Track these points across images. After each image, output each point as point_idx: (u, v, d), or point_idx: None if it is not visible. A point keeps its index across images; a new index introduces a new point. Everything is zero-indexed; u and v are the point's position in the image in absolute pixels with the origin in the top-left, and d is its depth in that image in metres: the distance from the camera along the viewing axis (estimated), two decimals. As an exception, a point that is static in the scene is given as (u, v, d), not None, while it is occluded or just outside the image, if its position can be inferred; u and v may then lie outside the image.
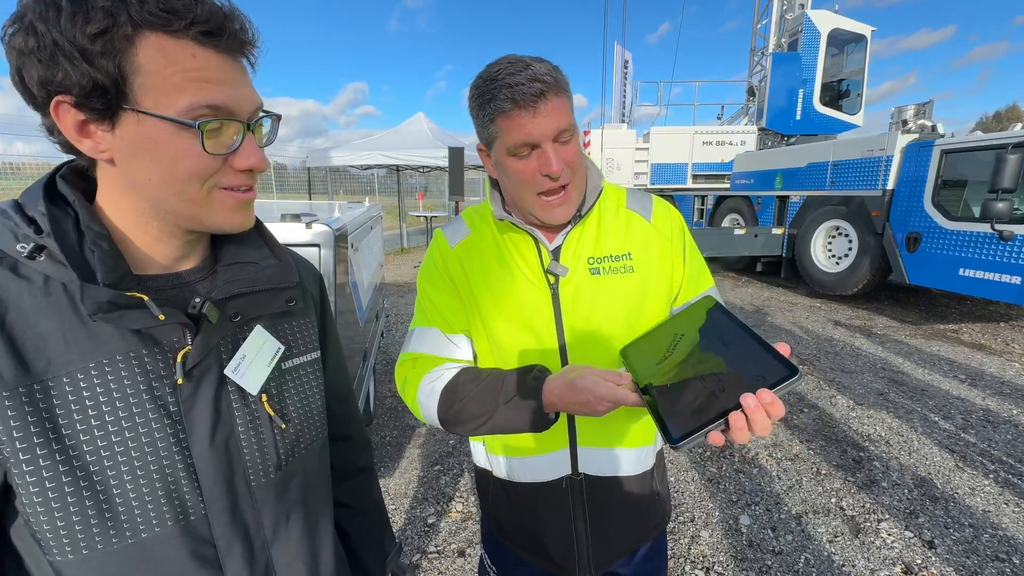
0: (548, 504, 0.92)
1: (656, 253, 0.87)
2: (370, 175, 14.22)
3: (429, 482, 2.61)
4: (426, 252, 0.97)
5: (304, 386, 0.66)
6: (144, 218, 0.52)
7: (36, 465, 0.46)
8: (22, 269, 0.48)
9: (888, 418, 3.31)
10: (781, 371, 0.57)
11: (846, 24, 9.79)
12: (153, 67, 0.45)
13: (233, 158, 0.51)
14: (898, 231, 5.51)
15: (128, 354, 0.50)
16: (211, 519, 0.54)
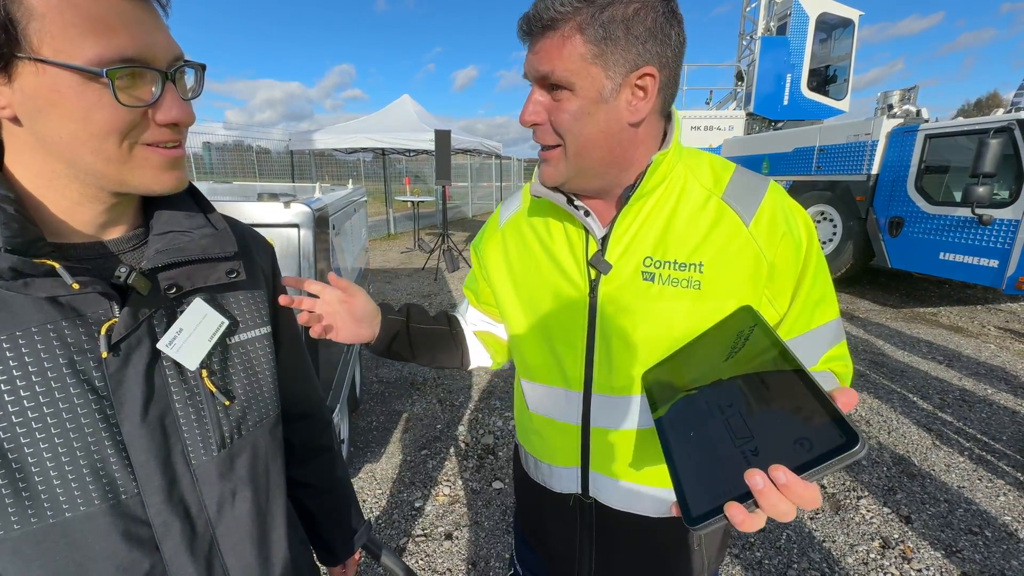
0: (556, 515, 0.85)
1: (740, 271, 0.64)
2: (356, 160, 13.95)
3: (416, 466, 2.60)
4: None
5: (252, 362, 0.63)
6: (61, 180, 0.48)
7: None
8: None
9: (868, 398, 3.37)
10: (833, 439, 0.41)
11: (834, 8, 9.77)
12: (48, 10, 0.41)
13: (154, 111, 0.47)
14: (881, 216, 5.57)
15: (46, 326, 0.47)
16: (145, 498, 0.52)
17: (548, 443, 0.81)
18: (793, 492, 0.41)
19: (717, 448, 0.48)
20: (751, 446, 0.46)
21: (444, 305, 5.67)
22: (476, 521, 2.20)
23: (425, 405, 3.27)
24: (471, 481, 2.48)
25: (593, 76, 0.60)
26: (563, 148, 0.65)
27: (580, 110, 0.61)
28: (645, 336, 0.67)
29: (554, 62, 0.60)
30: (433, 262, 7.75)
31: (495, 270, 0.83)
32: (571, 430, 0.76)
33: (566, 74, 0.60)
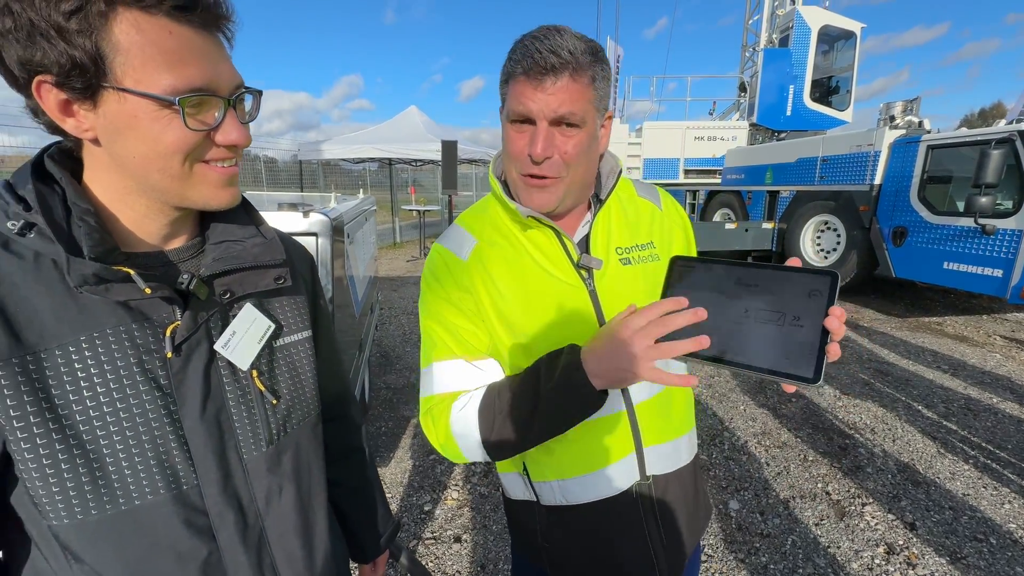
0: (618, 519, 0.82)
1: (670, 240, 0.88)
2: (362, 169, 14.12)
3: (424, 471, 2.64)
4: (428, 272, 0.83)
5: (295, 364, 0.67)
6: (130, 196, 0.54)
7: (31, 433, 0.48)
8: (13, 246, 0.49)
9: (873, 407, 3.39)
10: (825, 280, 0.60)
11: (836, 21, 9.89)
12: (131, 45, 0.46)
13: (215, 134, 0.52)
14: (885, 225, 5.60)
15: (118, 328, 0.52)
16: (203, 489, 0.56)
17: (593, 448, 0.80)
18: (844, 316, 0.57)
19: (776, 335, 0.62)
20: (790, 318, 0.61)
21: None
22: (484, 525, 2.23)
23: (433, 411, 3.31)
24: (479, 486, 2.52)
25: (594, 117, 0.73)
26: (563, 179, 0.72)
27: (584, 143, 0.72)
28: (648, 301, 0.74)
29: (576, 104, 0.68)
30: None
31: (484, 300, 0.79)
32: (619, 418, 0.79)
33: (583, 114, 0.70)
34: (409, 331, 5.05)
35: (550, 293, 0.78)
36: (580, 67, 0.67)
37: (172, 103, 0.48)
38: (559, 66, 0.66)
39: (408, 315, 5.64)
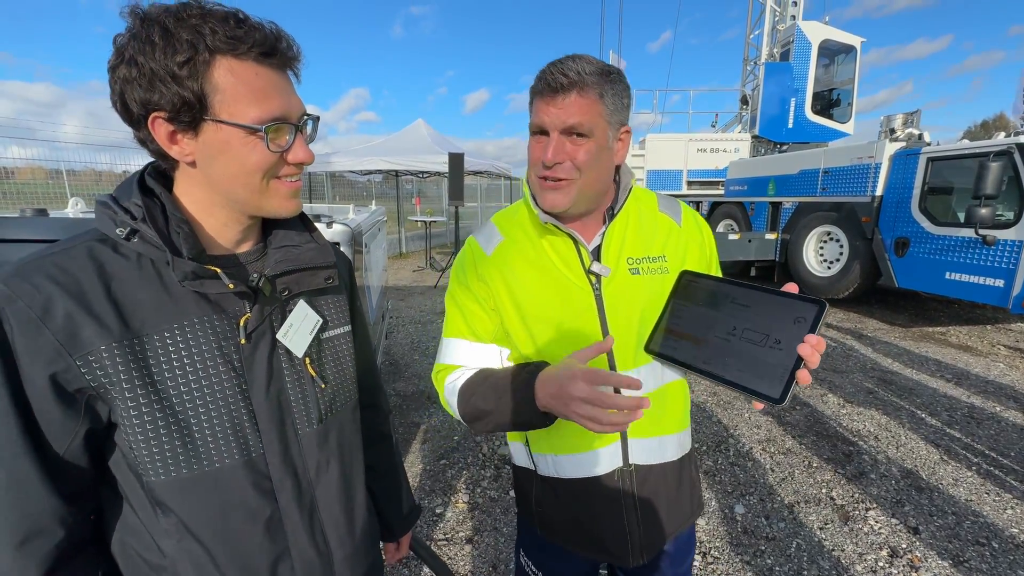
0: (600, 496, 0.92)
1: (686, 256, 0.92)
2: (367, 181, 14.32)
3: (436, 475, 2.70)
4: (458, 260, 0.97)
5: (338, 354, 0.77)
6: (215, 208, 0.64)
7: (136, 403, 0.57)
8: (121, 248, 0.59)
9: (877, 415, 3.43)
10: (811, 308, 0.66)
11: (836, 35, 10.04)
12: (226, 85, 0.56)
13: (287, 154, 0.62)
14: (887, 236, 5.67)
15: (203, 318, 0.61)
16: (268, 458, 0.65)
17: (583, 432, 0.86)
18: (820, 345, 0.65)
19: (755, 355, 0.70)
20: (772, 340, 0.68)
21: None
22: (495, 527, 2.29)
23: (442, 417, 3.37)
24: (489, 489, 2.57)
25: (604, 129, 0.81)
26: (576, 181, 0.81)
27: (596, 152, 0.81)
28: (643, 314, 0.87)
29: (583, 116, 0.78)
30: (445, 281, 7.92)
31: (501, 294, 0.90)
32: None
33: (591, 125, 0.79)
34: (417, 340, 5.12)
35: (561, 291, 0.87)
36: (586, 85, 0.77)
37: (258, 130, 0.58)
38: (567, 85, 0.77)
39: (416, 324, 5.71)
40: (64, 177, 9.13)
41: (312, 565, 0.69)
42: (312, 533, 0.69)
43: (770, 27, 11.15)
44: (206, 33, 0.54)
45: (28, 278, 0.53)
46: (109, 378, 0.55)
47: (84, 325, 0.54)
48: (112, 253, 0.58)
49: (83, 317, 0.54)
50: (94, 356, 0.54)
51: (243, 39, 0.56)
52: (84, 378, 0.55)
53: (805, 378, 0.65)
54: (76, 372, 0.54)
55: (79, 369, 0.54)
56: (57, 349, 0.53)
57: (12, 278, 0.53)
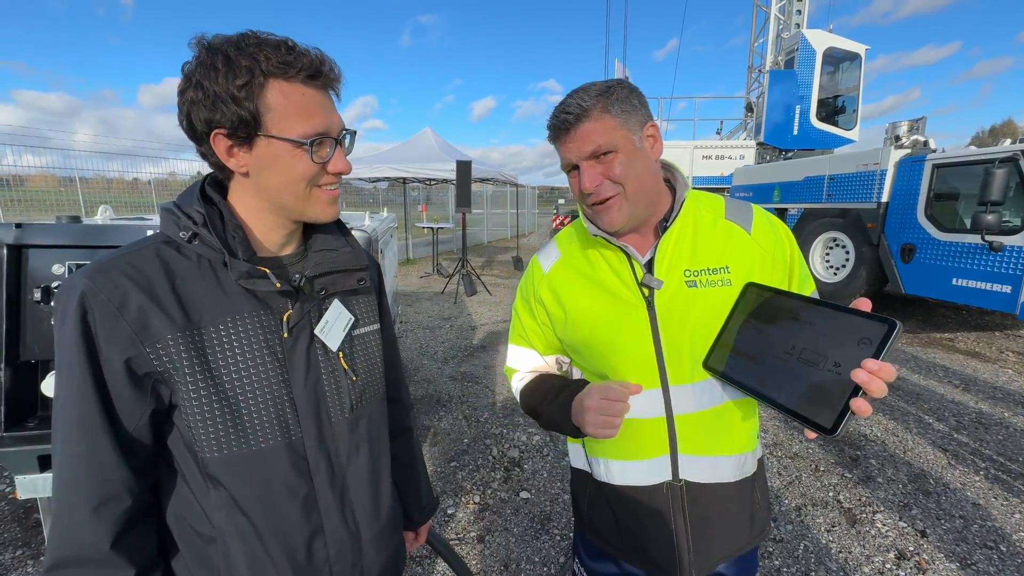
0: (648, 509, 0.91)
1: (756, 266, 0.85)
2: (374, 188, 14.47)
3: (447, 476, 2.74)
4: (523, 276, 1.06)
5: (368, 350, 0.83)
6: (264, 213, 0.70)
7: (196, 386, 0.63)
8: (183, 250, 0.66)
9: (884, 420, 3.44)
10: (880, 329, 0.58)
11: (841, 43, 10.10)
12: (277, 104, 0.63)
13: (328, 165, 0.68)
14: (893, 242, 5.68)
15: (252, 313, 0.68)
16: (305, 441, 0.71)
17: (633, 442, 0.90)
18: (883, 372, 0.59)
19: (812, 377, 0.64)
20: (831, 363, 0.62)
21: (465, 327, 5.86)
22: (506, 527, 2.33)
23: (452, 421, 3.42)
24: (499, 491, 2.61)
25: (626, 136, 0.82)
26: (622, 193, 0.83)
27: (627, 160, 0.82)
28: (700, 328, 0.84)
29: (598, 137, 0.81)
30: (452, 286, 7.99)
31: (554, 310, 0.96)
32: (657, 423, 0.87)
33: (610, 141, 0.81)
34: (425, 344, 5.18)
35: (613, 304, 0.88)
36: (587, 110, 0.80)
37: (304, 144, 0.65)
38: (573, 120, 0.81)
39: (424, 329, 5.78)
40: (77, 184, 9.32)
41: (343, 543, 0.75)
42: (343, 512, 0.75)
43: (774, 35, 11.24)
44: (261, 60, 0.61)
45: (108, 275, 0.61)
46: (173, 364, 0.62)
47: (153, 317, 0.61)
48: (176, 254, 0.65)
49: (153, 310, 0.61)
50: (161, 344, 0.61)
51: (293, 64, 0.63)
52: (152, 363, 0.61)
53: (862, 408, 0.59)
54: (146, 358, 0.61)
55: (148, 355, 0.61)
56: (131, 337, 0.60)
57: (95, 274, 0.60)
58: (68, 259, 1.61)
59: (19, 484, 1.57)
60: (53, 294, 1.57)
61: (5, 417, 1.50)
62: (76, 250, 1.63)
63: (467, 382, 4.14)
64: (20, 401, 1.55)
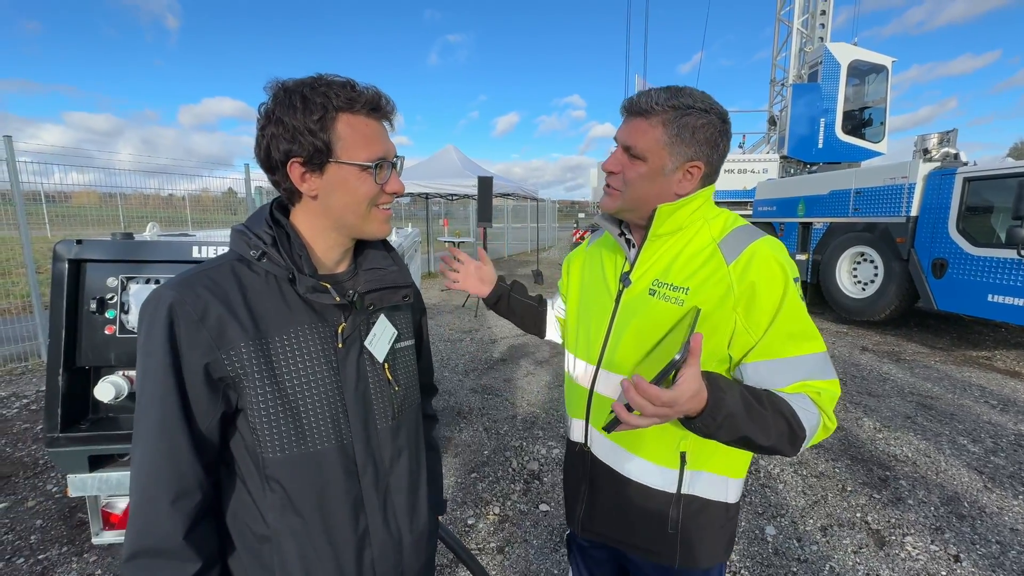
0: (572, 461, 1.10)
1: (713, 295, 0.83)
2: (396, 203, 14.81)
3: (467, 488, 2.78)
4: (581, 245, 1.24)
5: (407, 363, 0.89)
6: (326, 232, 0.78)
7: (263, 390, 0.70)
8: (253, 266, 0.74)
9: (915, 440, 3.34)
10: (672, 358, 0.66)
11: (866, 56, 9.99)
12: (345, 135, 0.72)
13: (386, 186, 0.77)
14: (924, 257, 5.54)
15: (311, 325, 0.75)
16: (355, 445, 0.77)
17: (571, 400, 1.08)
18: (642, 390, 0.66)
19: None
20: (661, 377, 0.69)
21: (486, 340, 5.92)
22: (525, 539, 2.34)
23: (472, 433, 3.46)
24: (519, 503, 2.63)
25: (661, 156, 0.86)
26: (621, 193, 0.91)
27: (645, 175, 0.88)
28: (633, 331, 0.92)
29: (639, 139, 0.87)
30: (473, 299, 8.07)
31: (574, 276, 1.16)
32: (583, 392, 1.02)
33: (644, 150, 0.87)
34: (446, 357, 5.26)
35: (597, 288, 1.04)
36: (652, 113, 0.85)
37: (369, 167, 0.74)
38: (634, 110, 0.88)
39: (445, 342, 5.86)
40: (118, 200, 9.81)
41: (386, 545, 0.80)
42: (385, 516, 0.80)
43: (797, 49, 11.19)
44: (332, 97, 0.70)
45: (192, 287, 0.68)
46: (244, 369, 0.69)
47: (229, 326, 0.68)
48: (247, 270, 0.73)
49: (229, 320, 0.68)
50: (235, 351, 0.68)
51: (357, 99, 0.72)
52: (226, 368, 0.68)
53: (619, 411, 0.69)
54: (221, 363, 0.68)
55: (223, 361, 0.68)
56: (210, 344, 0.67)
57: (181, 287, 0.68)
58: (121, 273, 1.73)
59: (70, 483, 1.67)
60: (107, 305, 1.70)
61: (61, 419, 1.61)
62: (127, 264, 1.76)
63: (487, 394, 4.18)
64: (74, 404, 1.66)
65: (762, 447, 0.77)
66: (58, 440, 1.61)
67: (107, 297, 1.70)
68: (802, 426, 0.78)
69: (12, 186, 4.47)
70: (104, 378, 1.65)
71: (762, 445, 0.77)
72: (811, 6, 11.13)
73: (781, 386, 0.82)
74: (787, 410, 0.78)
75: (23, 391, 4.15)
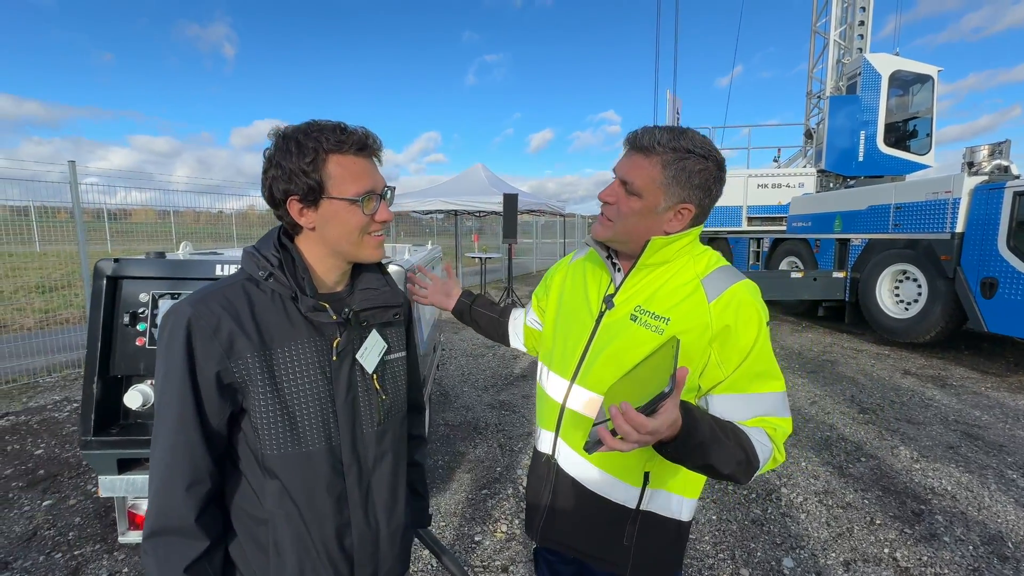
0: (537, 470, 1.13)
1: (691, 328, 0.88)
2: (430, 218, 15.16)
3: (477, 504, 2.79)
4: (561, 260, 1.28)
5: (396, 374, 0.98)
6: (325, 257, 0.87)
7: (265, 395, 0.79)
8: (261, 285, 0.83)
9: (957, 472, 3.12)
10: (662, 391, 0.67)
11: (909, 66, 9.60)
12: (336, 173, 0.81)
13: (375, 216, 0.86)
14: (971, 276, 5.22)
15: (310, 339, 0.84)
16: (342, 448, 0.86)
17: (541, 411, 1.12)
18: (629, 418, 0.67)
19: None
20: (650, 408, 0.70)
21: (508, 355, 5.95)
22: (530, 558, 2.32)
23: (486, 448, 3.48)
24: (527, 522, 2.62)
25: (656, 195, 0.90)
26: (614, 223, 0.95)
27: (638, 211, 0.92)
28: (619, 354, 0.94)
29: (637, 176, 0.90)
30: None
31: (554, 290, 1.19)
32: (555, 405, 1.06)
33: (641, 187, 0.90)
34: (468, 372, 5.31)
35: (579, 306, 1.06)
36: (653, 152, 0.88)
37: (357, 201, 0.82)
38: (636, 145, 0.91)
39: (467, 356, 5.92)
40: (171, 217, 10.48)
41: (364, 535, 0.89)
42: (366, 510, 0.89)
43: (834, 61, 10.87)
44: (322, 141, 0.79)
45: (208, 304, 0.77)
46: (250, 375, 0.78)
47: (238, 339, 0.77)
48: (256, 288, 0.82)
49: (238, 333, 0.77)
50: (242, 360, 0.78)
51: (345, 141, 0.81)
52: (234, 375, 0.78)
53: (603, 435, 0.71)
54: (230, 371, 0.77)
55: (232, 369, 0.77)
56: (221, 355, 0.76)
57: (198, 303, 0.77)
58: (152, 289, 1.88)
59: (100, 483, 1.81)
60: (138, 318, 1.84)
61: (94, 423, 1.75)
62: (160, 281, 1.90)
63: (504, 411, 4.20)
64: (106, 411, 1.80)
65: (721, 474, 0.82)
66: (91, 443, 1.74)
67: (139, 311, 1.85)
68: (757, 457, 0.85)
69: (74, 206, 4.88)
70: (134, 386, 1.79)
71: (722, 472, 0.81)
72: (849, 17, 10.82)
73: (743, 419, 0.88)
74: (746, 442, 0.84)
75: (75, 396, 4.47)
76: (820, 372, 5.27)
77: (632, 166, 0.91)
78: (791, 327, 7.65)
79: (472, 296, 1.45)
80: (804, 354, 6.02)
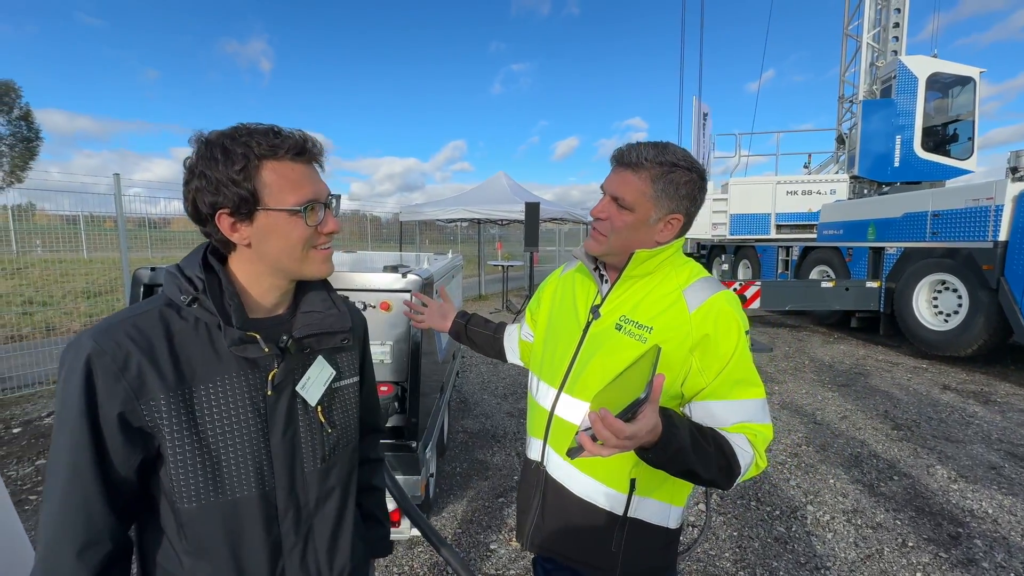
0: (527, 478, 1.14)
1: (673, 337, 0.91)
2: (454, 226, 15.34)
3: (493, 512, 2.80)
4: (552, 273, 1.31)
5: (346, 402, 0.88)
6: (261, 277, 0.77)
7: (181, 441, 0.69)
8: (183, 312, 0.72)
9: (999, 495, 2.96)
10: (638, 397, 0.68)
11: (948, 67, 9.24)
12: (271, 181, 0.71)
13: (320, 227, 0.76)
14: (1016, 287, 4.95)
15: (240, 373, 0.73)
16: (277, 492, 0.76)
17: (532, 420, 1.14)
18: (608, 423, 0.68)
19: None
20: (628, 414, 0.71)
21: (527, 364, 5.94)
22: (545, 569, 2.32)
23: (504, 456, 3.48)
24: (543, 532, 2.61)
25: (648, 208, 0.94)
26: (607, 238, 0.98)
27: (632, 224, 0.95)
28: (605, 362, 0.96)
29: (628, 191, 0.94)
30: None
31: (545, 302, 1.21)
32: (543, 413, 1.07)
33: (633, 201, 0.94)
34: (487, 379, 5.33)
35: (567, 316, 1.09)
36: (641, 168, 0.92)
37: (298, 211, 0.73)
38: (626, 163, 0.95)
39: (487, 364, 5.95)
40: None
41: None
42: (304, 557, 0.80)
43: (867, 64, 10.56)
44: (253, 146, 0.69)
45: (113, 336, 0.67)
46: (162, 419, 0.68)
47: (150, 377, 0.67)
48: (176, 316, 0.72)
49: (150, 371, 0.67)
50: (154, 402, 0.67)
51: (280, 146, 0.71)
52: (144, 418, 0.67)
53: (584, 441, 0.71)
54: (139, 413, 0.67)
55: (141, 411, 0.67)
56: (128, 395, 0.66)
57: (101, 336, 0.66)
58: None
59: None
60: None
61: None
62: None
63: (523, 419, 4.19)
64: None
65: (703, 479, 0.84)
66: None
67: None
68: (739, 463, 0.86)
69: (117, 216, 5.16)
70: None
71: (704, 478, 0.83)
72: (883, 19, 10.50)
73: (724, 425, 0.90)
74: (727, 448, 0.86)
75: (115, 396, 4.68)
76: (852, 385, 5.07)
77: (622, 182, 0.94)
78: (822, 338, 7.39)
79: (467, 316, 1.47)
80: (835, 366, 5.81)
